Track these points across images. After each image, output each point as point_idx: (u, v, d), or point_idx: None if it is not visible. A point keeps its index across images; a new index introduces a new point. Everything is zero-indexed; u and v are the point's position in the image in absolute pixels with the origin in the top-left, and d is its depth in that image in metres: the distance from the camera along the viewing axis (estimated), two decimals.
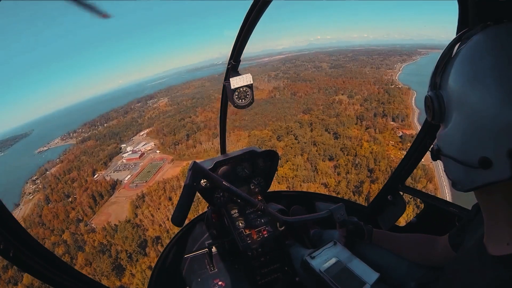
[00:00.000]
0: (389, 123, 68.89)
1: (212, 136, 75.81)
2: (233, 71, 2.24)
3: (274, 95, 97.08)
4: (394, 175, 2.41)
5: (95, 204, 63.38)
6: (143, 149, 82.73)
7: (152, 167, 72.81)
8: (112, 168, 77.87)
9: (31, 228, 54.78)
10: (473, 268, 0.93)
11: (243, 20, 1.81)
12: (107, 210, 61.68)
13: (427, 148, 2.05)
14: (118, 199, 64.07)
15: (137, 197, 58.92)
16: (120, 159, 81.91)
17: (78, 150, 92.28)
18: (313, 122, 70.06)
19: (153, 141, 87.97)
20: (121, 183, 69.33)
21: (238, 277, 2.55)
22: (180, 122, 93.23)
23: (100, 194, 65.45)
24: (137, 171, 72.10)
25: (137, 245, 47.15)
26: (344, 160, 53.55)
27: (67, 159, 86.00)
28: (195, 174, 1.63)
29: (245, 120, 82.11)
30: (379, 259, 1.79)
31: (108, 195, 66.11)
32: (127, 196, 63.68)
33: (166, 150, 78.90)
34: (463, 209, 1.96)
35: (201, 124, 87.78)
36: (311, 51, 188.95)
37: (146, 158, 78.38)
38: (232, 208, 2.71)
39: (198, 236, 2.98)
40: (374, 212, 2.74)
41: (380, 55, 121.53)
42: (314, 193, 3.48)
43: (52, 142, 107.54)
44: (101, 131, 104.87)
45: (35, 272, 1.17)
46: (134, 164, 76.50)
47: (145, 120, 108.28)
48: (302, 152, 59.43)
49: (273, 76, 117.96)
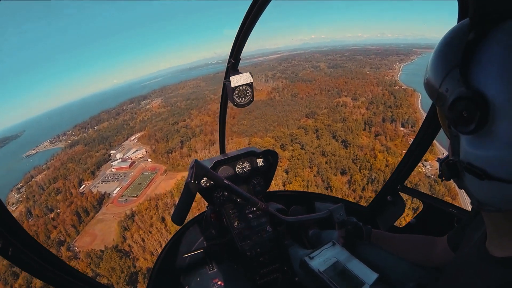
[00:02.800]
0: (398, 129, 61.25)
1: (209, 144, 66.24)
2: (233, 70, 2.13)
3: (273, 97, 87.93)
4: (394, 176, 2.33)
5: (79, 222, 53.73)
6: (133, 157, 72.62)
7: (143, 178, 62.96)
8: (100, 178, 67.80)
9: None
10: (474, 269, 0.89)
11: (243, 18, 1.74)
12: (92, 230, 52.02)
13: (426, 148, 1.97)
14: (105, 217, 54.39)
15: (126, 217, 49.31)
16: (108, 167, 71.80)
17: (66, 156, 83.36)
18: (318, 128, 61.35)
19: (145, 147, 77.92)
20: (109, 197, 59.49)
21: (237, 277, 2.48)
22: (173, 126, 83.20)
23: (86, 210, 55.67)
24: (127, 182, 62.18)
25: (125, 280, 37.89)
26: (359, 176, 45.05)
27: (53, 166, 77.40)
28: (196, 172, 1.55)
29: (243, 125, 72.72)
30: (378, 259, 1.71)
31: (94, 211, 56.35)
32: (115, 213, 54.07)
33: (159, 159, 68.93)
34: (462, 210, 1.89)
35: (196, 129, 77.98)
36: (306, 50, 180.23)
37: (136, 168, 68.39)
38: (231, 208, 2.56)
39: (197, 236, 2.83)
40: (373, 212, 2.64)
41: (377, 55, 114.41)
42: (314, 193, 3.24)
43: (41, 145, 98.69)
44: (91, 134, 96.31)
45: (34, 271, 1.13)
46: (123, 174, 66.47)
47: (137, 123, 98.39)
48: (310, 164, 50.69)
49: (271, 76, 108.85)
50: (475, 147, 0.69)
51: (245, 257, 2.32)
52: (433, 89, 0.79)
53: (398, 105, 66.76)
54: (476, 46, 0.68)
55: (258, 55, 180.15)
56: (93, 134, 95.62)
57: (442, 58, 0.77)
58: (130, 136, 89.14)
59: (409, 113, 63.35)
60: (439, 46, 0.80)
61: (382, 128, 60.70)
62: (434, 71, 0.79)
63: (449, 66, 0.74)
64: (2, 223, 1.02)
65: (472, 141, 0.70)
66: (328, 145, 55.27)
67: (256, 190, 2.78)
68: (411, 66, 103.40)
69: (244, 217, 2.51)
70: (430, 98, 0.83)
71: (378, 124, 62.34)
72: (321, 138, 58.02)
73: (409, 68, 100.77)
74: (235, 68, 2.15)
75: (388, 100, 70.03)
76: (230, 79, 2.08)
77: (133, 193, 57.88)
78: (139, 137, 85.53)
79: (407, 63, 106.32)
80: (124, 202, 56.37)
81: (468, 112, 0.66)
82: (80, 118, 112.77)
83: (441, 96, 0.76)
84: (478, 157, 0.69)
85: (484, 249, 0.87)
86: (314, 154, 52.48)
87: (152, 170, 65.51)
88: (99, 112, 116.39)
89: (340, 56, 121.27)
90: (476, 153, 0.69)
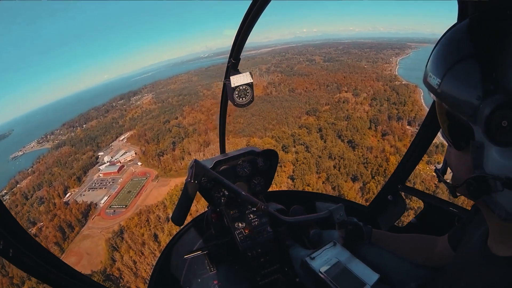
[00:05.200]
0: (406, 127, 55.13)
1: (203, 145, 58.44)
2: (233, 69, 2.05)
3: (270, 92, 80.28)
4: (394, 175, 2.23)
5: (63, 239, 46.07)
6: (122, 160, 64.33)
7: (133, 185, 55.02)
8: (87, 185, 59.44)
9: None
10: (476, 268, 0.85)
11: (243, 18, 1.69)
12: (78, 248, 44.41)
13: (427, 148, 1.92)
14: (92, 232, 46.67)
15: (114, 234, 41.66)
16: (96, 172, 63.33)
17: (52, 158, 75.28)
18: (322, 127, 54.44)
19: (134, 148, 69.50)
20: (95, 207, 51.46)
21: (238, 277, 2.38)
22: (164, 125, 74.74)
23: (70, 225, 47.63)
24: (116, 190, 54.18)
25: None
26: (374, 183, 38.70)
27: (38, 170, 69.76)
28: (196, 172, 1.51)
29: (240, 123, 65.04)
30: (379, 259, 1.63)
31: (80, 225, 48.59)
32: (102, 228, 46.45)
33: (149, 162, 60.77)
34: (463, 209, 1.84)
35: (189, 128, 69.79)
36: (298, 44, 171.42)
37: (126, 172, 60.25)
38: (232, 208, 2.42)
39: (197, 236, 2.72)
40: (374, 212, 2.55)
41: (371, 49, 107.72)
42: (314, 192, 3.16)
43: (28, 146, 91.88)
44: (79, 134, 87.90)
45: (34, 271, 1.11)
46: (112, 180, 58.32)
47: (127, 121, 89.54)
48: (318, 169, 43.92)
49: (265, 70, 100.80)
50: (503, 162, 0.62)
51: (246, 258, 2.18)
52: (459, 100, 0.67)
53: (402, 102, 60.64)
54: (501, 47, 0.61)
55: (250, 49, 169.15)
56: (81, 133, 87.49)
57: (463, 63, 0.66)
58: (119, 136, 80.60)
59: (415, 111, 57.40)
60: (449, 49, 0.72)
61: (389, 127, 54.54)
62: (446, 75, 0.68)
63: (471, 70, 0.64)
64: (2, 224, 1.00)
65: (508, 153, 0.62)
66: (335, 146, 48.64)
67: (256, 190, 2.60)
68: (407, 60, 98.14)
69: (245, 217, 2.36)
70: (449, 107, 0.72)
71: (384, 122, 56.13)
72: (326, 139, 51.21)
73: (406, 62, 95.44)
74: (235, 68, 2.05)
75: (391, 96, 63.91)
76: (230, 79, 1.98)
77: (122, 203, 50.15)
78: (128, 137, 77.01)
79: (403, 57, 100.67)
80: (113, 214, 48.71)
81: (509, 121, 0.58)
82: (69, 115, 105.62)
83: (466, 105, 0.65)
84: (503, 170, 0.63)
85: (486, 247, 0.83)
86: (321, 158, 45.70)
87: (143, 175, 57.59)
88: (88, 110, 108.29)
89: (334, 50, 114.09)
90: (500, 166, 0.63)
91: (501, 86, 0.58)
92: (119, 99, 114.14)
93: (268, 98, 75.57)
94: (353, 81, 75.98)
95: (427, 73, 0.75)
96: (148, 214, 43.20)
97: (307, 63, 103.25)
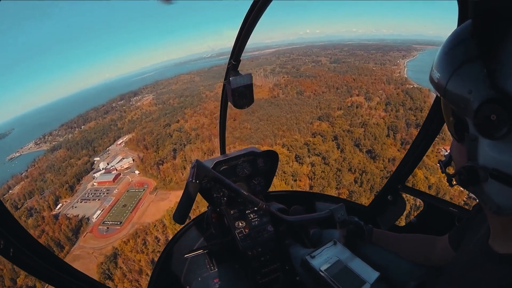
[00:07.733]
0: None
1: (207, 153, 51.15)
2: (234, 71, 1.98)
3: (277, 94, 73.09)
4: (394, 175, 2.16)
5: None
6: (118, 167, 57.08)
7: (129, 197, 47.84)
8: (79, 196, 52.06)
9: None
10: (477, 266, 0.82)
11: (243, 19, 1.63)
12: None
13: (427, 148, 1.85)
14: (83, 252, 39.63)
15: (107, 259, 34.56)
16: (90, 180, 55.93)
17: (46, 162, 69.28)
18: (338, 135, 47.49)
19: (132, 154, 62.16)
20: (87, 223, 44.22)
21: (238, 276, 2.35)
22: (165, 129, 67.20)
23: (59, 244, 40.58)
24: (110, 203, 47.02)
25: None
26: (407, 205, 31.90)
27: (31, 175, 64.21)
28: (198, 172, 1.49)
29: (247, 128, 57.90)
30: (379, 258, 1.61)
31: (70, 244, 41.43)
32: (94, 248, 39.43)
33: (147, 171, 53.47)
34: (463, 209, 1.79)
35: (191, 133, 62.44)
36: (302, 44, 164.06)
37: (122, 182, 52.99)
38: (232, 208, 2.36)
39: (198, 236, 2.64)
40: (374, 212, 2.46)
41: (377, 50, 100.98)
42: (314, 193, 3.05)
43: (25, 147, 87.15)
44: (76, 136, 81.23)
45: (35, 271, 1.08)
46: (106, 190, 51.13)
47: (125, 123, 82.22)
48: (338, 184, 37.06)
49: (270, 71, 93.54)
50: (501, 152, 0.63)
51: (246, 257, 2.14)
52: (454, 94, 0.69)
53: (418, 108, 53.94)
54: (496, 46, 0.61)
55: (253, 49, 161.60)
56: (78, 135, 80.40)
57: (460, 60, 0.67)
58: (117, 140, 73.32)
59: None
60: (450, 45, 0.72)
61: (408, 135, 47.76)
62: (452, 74, 0.68)
63: (467, 66, 0.65)
64: (2, 223, 0.97)
65: (497, 146, 0.63)
66: (354, 157, 41.84)
67: (256, 190, 2.53)
68: (414, 62, 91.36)
69: (245, 217, 2.30)
70: (450, 103, 0.73)
71: (403, 130, 49.42)
72: (343, 148, 44.36)
73: (413, 64, 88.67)
74: (236, 69, 1.98)
75: (406, 101, 57.23)
76: (230, 80, 1.92)
77: (117, 220, 43.08)
78: (127, 141, 69.64)
79: (410, 59, 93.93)
80: (106, 231, 41.66)
81: (497, 115, 0.58)
82: (69, 115, 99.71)
83: (459, 98, 0.67)
84: (505, 163, 0.63)
85: (487, 246, 0.81)
86: (341, 171, 38.85)
87: (140, 186, 50.38)
88: (88, 110, 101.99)
89: (340, 51, 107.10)
90: (503, 158, 0.63)
91: (495, 82, 0.59)
92: (119, 100, 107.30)
93: (275, 101, 68.53)
94: (363, 83, 69.17)
95: (433, 71, 0.75)
96: (145, 235, 36.17)
97: (313, 64, 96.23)
